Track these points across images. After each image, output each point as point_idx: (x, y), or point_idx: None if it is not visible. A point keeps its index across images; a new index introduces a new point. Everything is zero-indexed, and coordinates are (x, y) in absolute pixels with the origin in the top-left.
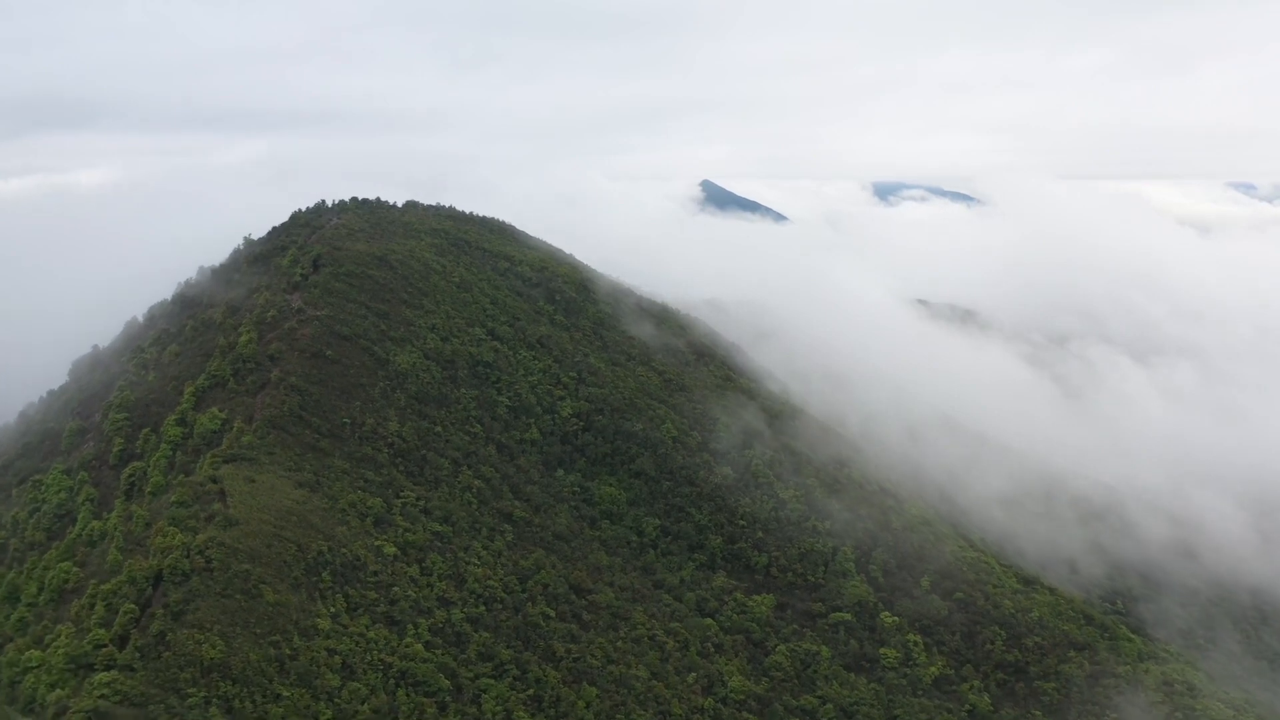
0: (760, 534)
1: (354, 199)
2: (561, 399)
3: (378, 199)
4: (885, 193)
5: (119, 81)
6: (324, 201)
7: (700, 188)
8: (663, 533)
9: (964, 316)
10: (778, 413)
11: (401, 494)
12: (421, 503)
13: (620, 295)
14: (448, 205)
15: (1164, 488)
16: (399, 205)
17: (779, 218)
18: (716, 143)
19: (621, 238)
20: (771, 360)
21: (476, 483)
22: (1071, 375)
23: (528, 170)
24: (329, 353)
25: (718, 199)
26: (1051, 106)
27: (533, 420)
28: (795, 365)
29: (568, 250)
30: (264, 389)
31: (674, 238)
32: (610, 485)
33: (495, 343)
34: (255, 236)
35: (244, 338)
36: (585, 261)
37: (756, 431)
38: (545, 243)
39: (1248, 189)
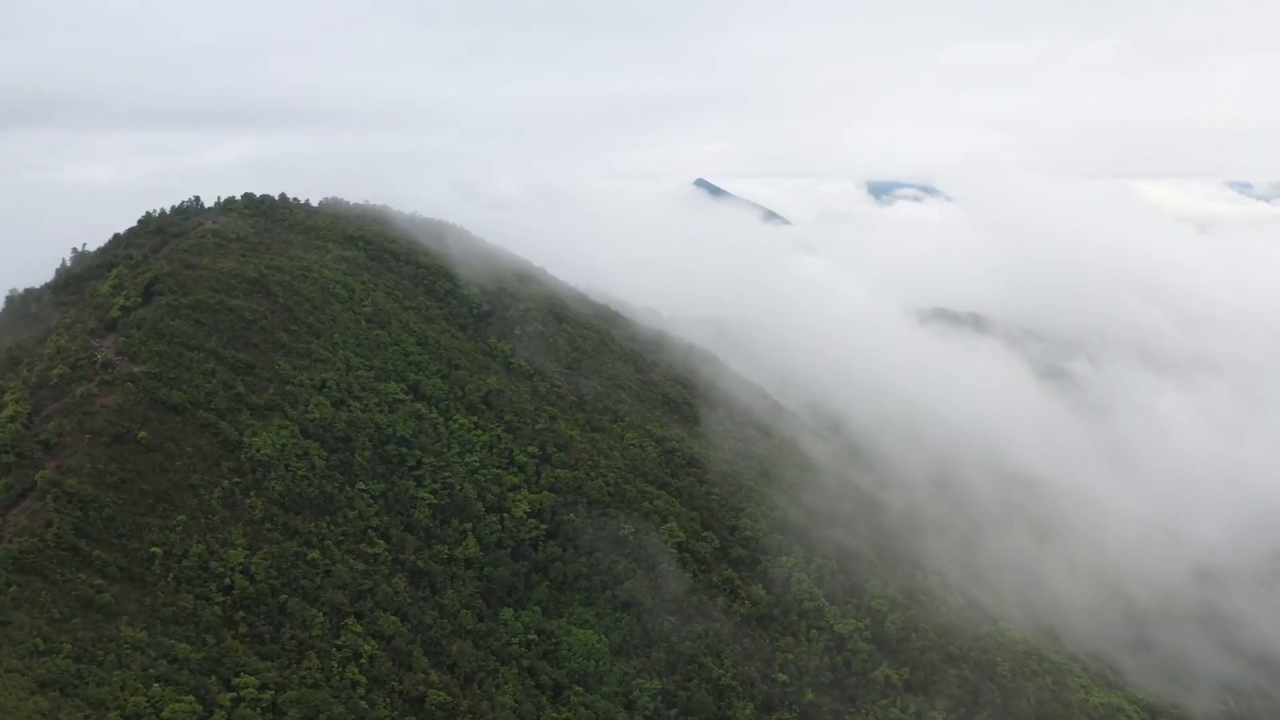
0: (810, 695)
1: (246, 195)
2: (515, 489)
3: (281, 195)
4: (880, 191)
5: (100, 76)
6: (198, 199)
7: (695, 186)
8: (665, 702)
9: (973, 325)
10: (821, 492)
11: (236, 680)
12: (269, 695)
13: (607, 322)
14: (381, 204)
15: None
16: (315, 204)
17: (774, 217)
18: (712, 140)
19: (611, 240)
20: (777, 387)
21: (368, 646)
22: (1100, 396)
23: (516, 167)
24: (143, 434)
25: (712, 198)
26: (1049, 104)
27: (469, 526)
28: (803, 393)
29: (549, 257)
30: (24, 500)
31: (667, 240)
32: (585, 627)
33: (419, 405)
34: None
35: (7, 411)
36: (569, 271)
37: (796, 525)
38: (511, 254)
39: (1244, 188)
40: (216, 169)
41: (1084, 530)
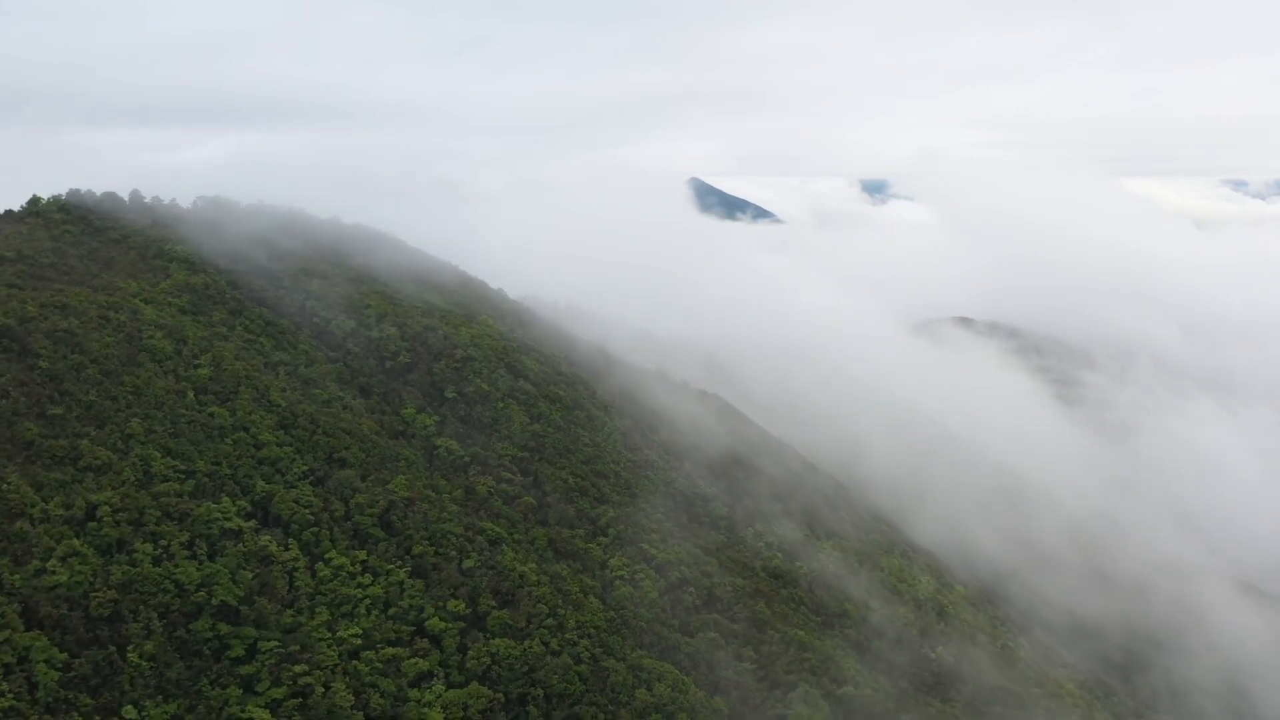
0: None
1: (72, 192)
2: (424, 683)
3: (134, 194)
4: (874, 190)
5: (72, 69)
6: None
7: (689, 185)
8: None
9: (975, 332)
10: (907, 643)
11: None
12: None
13: (592, 372)
14: (289, 206)
15: None
16: (185, 204)
17: (769, 216)
18: (710, 137)
19: (597, 244)
20: (773, 414)
21: None
22: (1123, 416)
23: (507, 165)
24: None
25: (708, 198)
26: (1046, 100)
27: None
28: (810, 425)
29: (526, 265)
30: None
31: (656, 246)
32: None
33: (267, 537)
34: None
35: None
36: (552, 282)
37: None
38: (459, 271)
39: (1239, 185)
40: (195, 168)
41: (1198, 636)
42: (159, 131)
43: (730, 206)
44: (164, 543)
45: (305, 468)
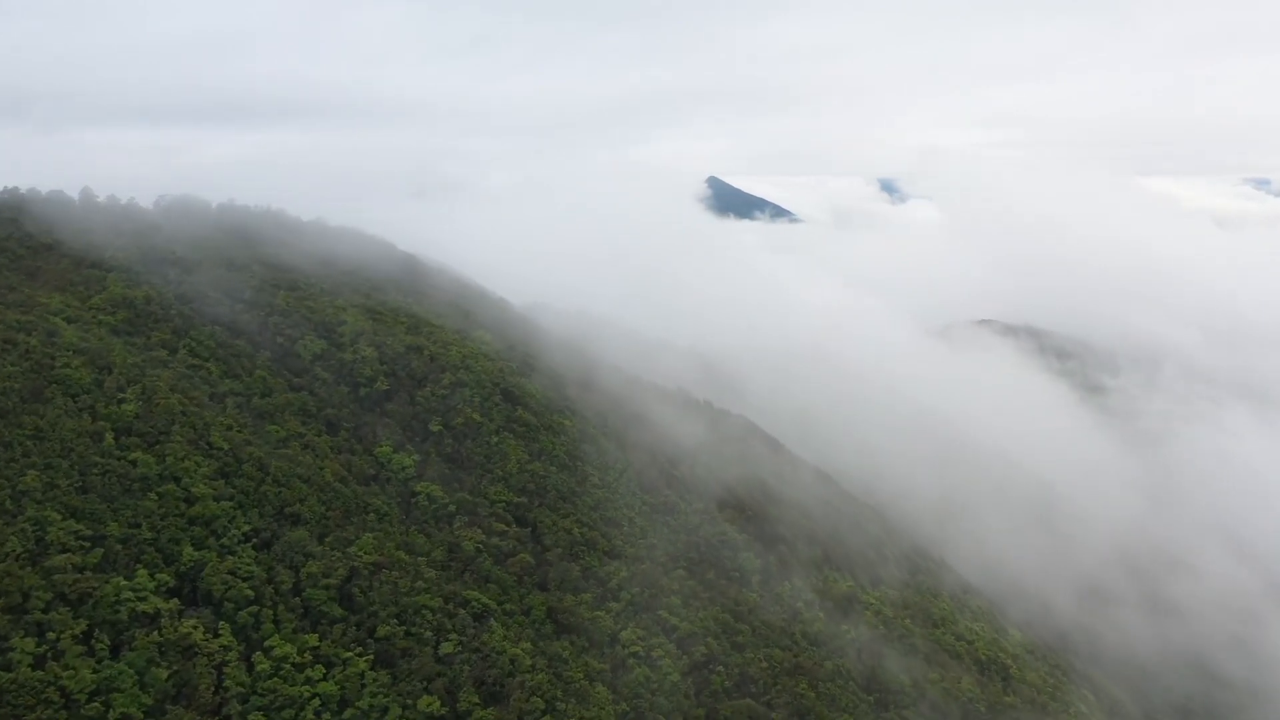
0: None
1: (8, 191)
2: None
3: (84, 191)
4: (892, 189)
5: (76, 70)
6: None
7: (707, 185)
8: None
9: (1004, 336)
10: None
11: None
12: None
13: (594, 386)
14: (267, 207)
15: None
16: (145, 205)
17: (787, 215)
18: (725, 135)
19: (615, 247)
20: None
21: None
22: (1154, 426)
23: (518, 164)
24: None
25: (725, 198)
26: (1066, 98)
27: None
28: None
29: (534, 268)
30: None
31: (677, 245)
32: None
33: (191, 622)
34: None
35: None
36: (553, 287)
37: None
38: (457, 277)
39: (1260, 184)
40: (201, 168)
41: (1269, 675)
42: (161, 132)
43: (748, 205)
44: (52, 635)
45: (248, 528)
